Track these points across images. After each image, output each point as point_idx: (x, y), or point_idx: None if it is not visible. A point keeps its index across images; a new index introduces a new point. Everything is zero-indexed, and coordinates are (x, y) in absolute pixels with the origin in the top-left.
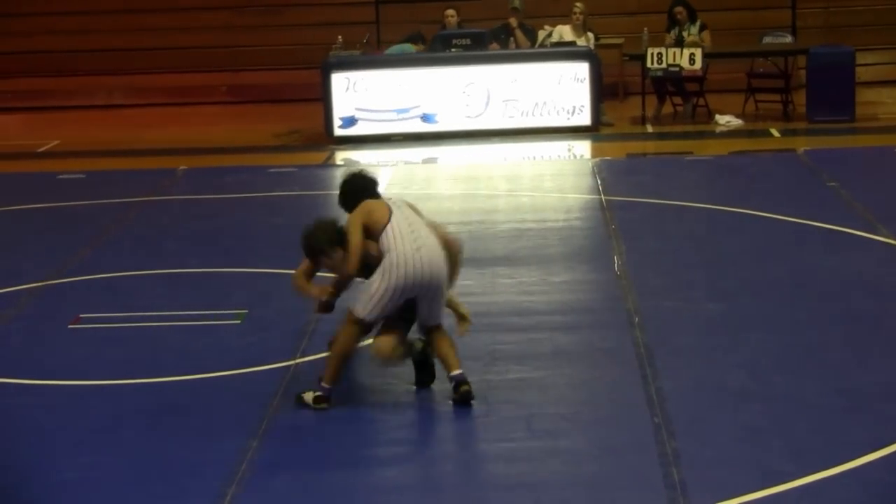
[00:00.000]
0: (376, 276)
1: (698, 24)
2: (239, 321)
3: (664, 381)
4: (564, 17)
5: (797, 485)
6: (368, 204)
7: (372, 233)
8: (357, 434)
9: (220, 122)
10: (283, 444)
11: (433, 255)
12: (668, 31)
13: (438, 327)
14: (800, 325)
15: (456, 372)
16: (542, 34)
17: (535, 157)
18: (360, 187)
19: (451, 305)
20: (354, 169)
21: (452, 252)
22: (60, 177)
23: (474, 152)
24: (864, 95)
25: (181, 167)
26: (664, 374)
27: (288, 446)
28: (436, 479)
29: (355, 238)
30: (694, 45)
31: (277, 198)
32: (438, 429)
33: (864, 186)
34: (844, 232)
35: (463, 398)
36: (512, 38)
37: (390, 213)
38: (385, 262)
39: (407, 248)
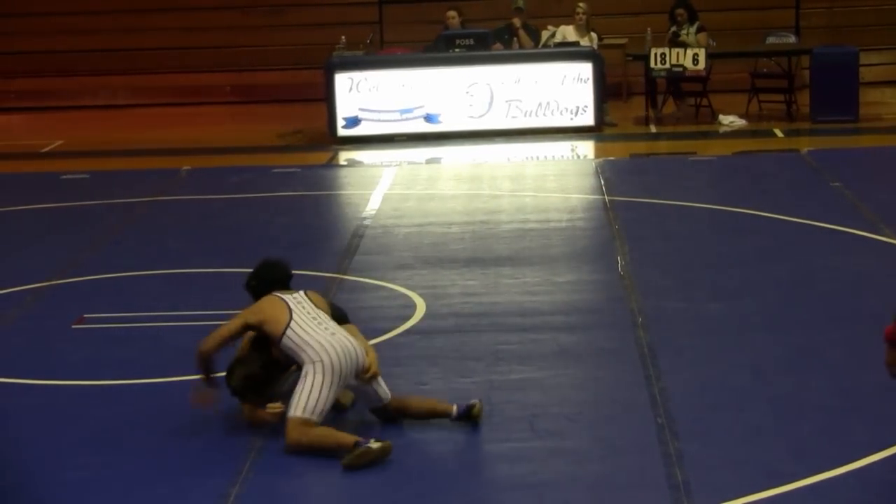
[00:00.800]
0: (305, 375)
1: (696, 24)
2: None
3: (667, 382)
4: (567, 18)
5: (801, 485)
6: (268, 304)
7: (270, 337)
8: (360, 433)
9: (224, 122)
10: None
11: (346, 340)
12: (669, 31)
13: (393, 399)
14: (803, 325)
15: (455, 408)
16: (545, 34)
17: (538, 158)
18: (271, 279)
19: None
20: (271, 258)
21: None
22: (64, 177)
23: (478, 152)
24: (867, 96)
25: (185, 167)
26: (667, 375)
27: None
28: (439, 479)
29: (229, 327)
30: (696, 45)
31: (281, 198)
32: (441, 429)
33: (867, 187)
34: (848, 232)
35: (478, 415)
36: (515, 39)
37: (290, 312)
38: (306, 358)
39: (320, 335)
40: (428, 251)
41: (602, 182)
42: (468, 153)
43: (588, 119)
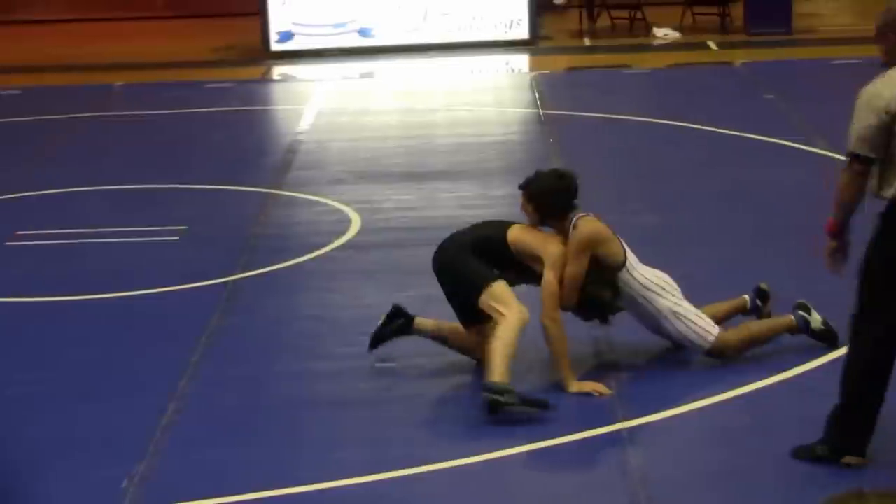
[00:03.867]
0: (679, 302)
1: None
2: (178, 237)
3: None
4: None
5: (734, 394)
6: (600, 227)
7: (603, 263)
8: (295, 351)
9: (156, 37)
10: (224, 358)
11: None
12: None
13: None
14: (737, 237)
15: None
16: None
17: (473, 71)
18: (572, 194)
19: None
20: (560, 169)
21: None
22: None
23: (412, 67)
24: (801, 7)
25: (118, 83)
26: None
27: (229, 360)
28: (379, 392)
29: (572, 272)
30: None
31: (215, 113)
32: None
33: (801, 99)
34: (782, 144)
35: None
36: None
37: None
38: (660, 283)
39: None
40: (363, 166)
41: (537, 96)
42: (403, 67)
43: (523, 32)
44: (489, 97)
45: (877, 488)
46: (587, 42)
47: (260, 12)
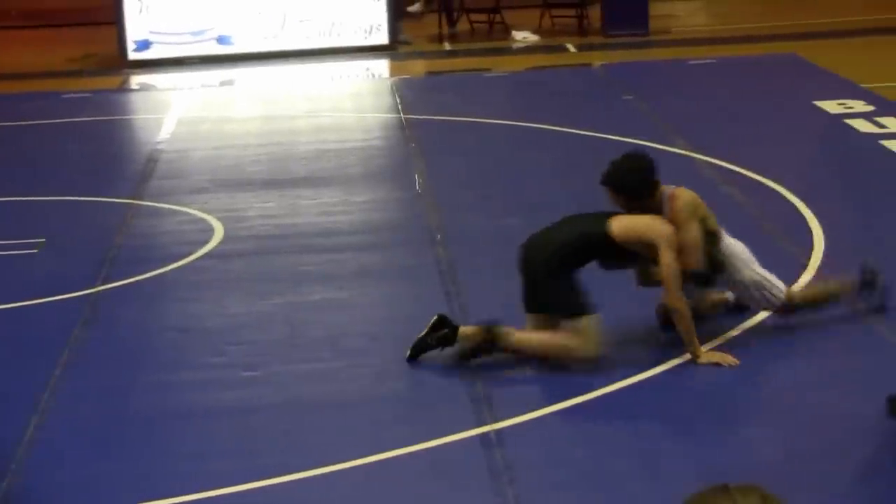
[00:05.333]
0: (759, 269)
1: None
2: (37, 250)
3: (468, 297)
4: None
5: (600, 394)
6: (694, 193)
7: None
8: (160, 362)
9: (11, 48)
10: (87, 372)
11: None
12: None
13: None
14: None
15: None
16: None
17: (333, 78)
18: (654, 169)
19: None
20: (630, 152)
21: None
22: None
23: (272, 74)
24: (657, 9)
25: None
26: (467, 290)
27: (93, 374)
28: (246, 401)
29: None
30: None
31: (73, 124)
32: (245, 351)
33: (659, 99)
34: (641, 144)
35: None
36: None
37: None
38: (742, 253)
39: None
40: (224, 174)
41: (398, 101)
42: (262, 75)
43: (382, 38)
44: (350, 103)
45: (740, 483)
46: (447, 46)
47: (116, 21)
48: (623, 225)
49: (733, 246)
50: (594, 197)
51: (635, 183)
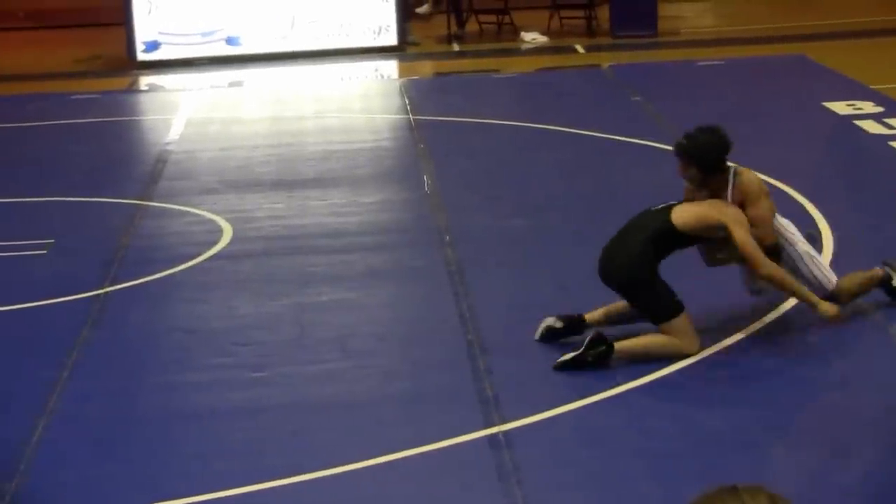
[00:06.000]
0: (810, 248)
1: None
2: (46, 251)
3: (475, 298)
4: None
5: (607, 395)
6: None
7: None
8: (167, 363)
9: (19, 49)
10: (95, 372)
11: None
12: None
13: None
14: (606, 238)
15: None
16: None
17: (342, 79)
18: (729, 145)
19: None
20: (708, 125)
21: None
22: None
23: (281, 75)
24: (666, 10)
25: None
26: (475, 291)
27: (100, 374)
28: (254, 402)
29: (767, 205)
30: None
31: (81, 125)
32: (253, 352)
33: (667, 100)
34: (649, 145)
35: None
36: None
37: None
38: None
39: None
40: (233, 175)
41: (407, 102)
42: (271, 76)
43: (391, 38)
44: (359, 104)
45: (748, 483)
46: (456, 47)
47: (125, 22)
48: (685, 214)
49: (786, 221)
50: (602, 198)
51: (711, 154)
